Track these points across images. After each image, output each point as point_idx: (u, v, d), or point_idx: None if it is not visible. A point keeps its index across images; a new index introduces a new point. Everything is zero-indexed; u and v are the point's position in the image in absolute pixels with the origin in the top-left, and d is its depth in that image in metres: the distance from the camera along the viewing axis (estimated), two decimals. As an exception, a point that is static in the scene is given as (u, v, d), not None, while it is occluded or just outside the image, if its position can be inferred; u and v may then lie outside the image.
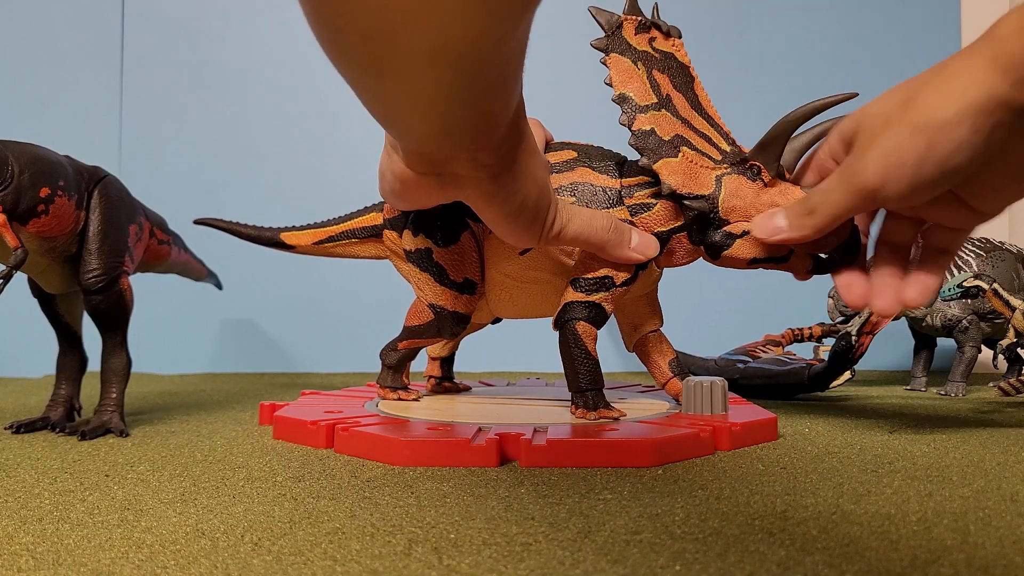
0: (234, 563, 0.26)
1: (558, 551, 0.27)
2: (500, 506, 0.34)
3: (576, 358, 0.53)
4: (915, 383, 0.99)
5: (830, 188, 0.44)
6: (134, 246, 0.61)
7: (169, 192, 1.17)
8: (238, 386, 1.03)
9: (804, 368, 0.82)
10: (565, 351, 0.53)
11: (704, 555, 0.27)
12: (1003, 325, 0.95)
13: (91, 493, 0.37)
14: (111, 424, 0.56)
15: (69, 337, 0.63)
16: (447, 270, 0.56)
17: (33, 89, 1.20)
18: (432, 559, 0.27)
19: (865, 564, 0.26)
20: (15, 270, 0.52)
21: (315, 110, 1.24)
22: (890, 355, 1.28)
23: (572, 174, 0.55)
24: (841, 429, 0.59)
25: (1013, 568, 0.25)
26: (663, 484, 0.38)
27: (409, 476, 0.41)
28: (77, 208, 0.56)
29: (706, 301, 1.24)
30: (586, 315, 0.52)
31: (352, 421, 0.51)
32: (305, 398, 0.67)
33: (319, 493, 0.37)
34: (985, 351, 1.03)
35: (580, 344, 0.52)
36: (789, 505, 0.34)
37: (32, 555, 0.28)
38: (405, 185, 0.41)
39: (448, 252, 0.56)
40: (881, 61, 1.31)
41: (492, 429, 0.48)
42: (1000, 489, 0.37)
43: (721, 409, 0.54)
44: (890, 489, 0.37)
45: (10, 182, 0.51)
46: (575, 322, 0.53)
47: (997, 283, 0.82)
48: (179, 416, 0.68)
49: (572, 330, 0.53)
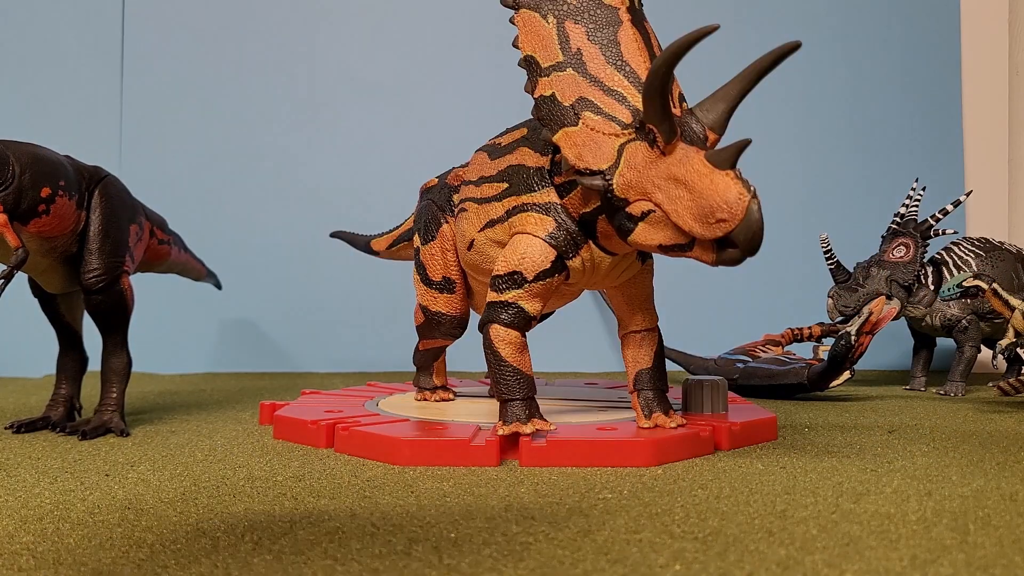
0: (234, 562, 0.26)
1: (558, 551, 0.27)
2: (500, 506, 0.34)
3: (490, 364, 0.47)
4: (914, 383, 0.99)
5: None
6: (134, 246, 0.61)
7: (169, 192, 1.17)
8: (238, 386, 1.03)
9: (804, 368, 0.82)
10: (486, 357, 0.48)
11: (704, 555, 0.27)
12: (1002, 325, 0.95)
13: (91, 492, 0.37)
14: (111, 424, 0.56)
15: (69, 337, 0.63)
16: (427, 268, 0.56)
17: (33, 89, 1.20)
18: (432, 559, 0.27)
19: (865, 564, 0.26)
20: (16, 270, 0.52)
21: (315, 110, 1.24)
22: (890, 355, 1.28)
23: (511, 156, 0.50)
24: (841, 429, 0.59)
25: (1013, 568, 0.25)
26: (663, 484, 0.39)
27: (409, 476, 0.41)
28: (78, 208, 0.56)
29: (706, 300, 1.24)
30: (500, 316, 0.47)
31: (352, 421, 0.51)
32: (305, 398, 0.67)
33: (319, 493, 0.37)
34: (984, 351, 1.03)
35: (493, 349, 0.47)
36: (789, 505, 0.34)
37: (32, 554, 0.28)
38: None
39: (427, 249, 0.56)
40: (881, 61, 1.31)
41: (492, 429, 0.48)
42: (1000, 489, 0.37)
43: (721, 409, 0.54)
44: (890, 489, 0.37)
45: (11, 182, 0.51)
46: (490, 325, 0.47)
47: (996, 283, 0.82)
48: (179, 416, 0.68)
49: (486, 334, 0.47)
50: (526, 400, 0.47)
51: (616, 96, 0.43)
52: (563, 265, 0.46)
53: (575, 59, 0.44)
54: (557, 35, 0.44)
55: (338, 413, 0.55)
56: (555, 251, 0.46)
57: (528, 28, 0.45)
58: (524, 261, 0.46)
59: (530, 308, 0.47)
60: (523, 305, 0.46)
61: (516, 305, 0.46)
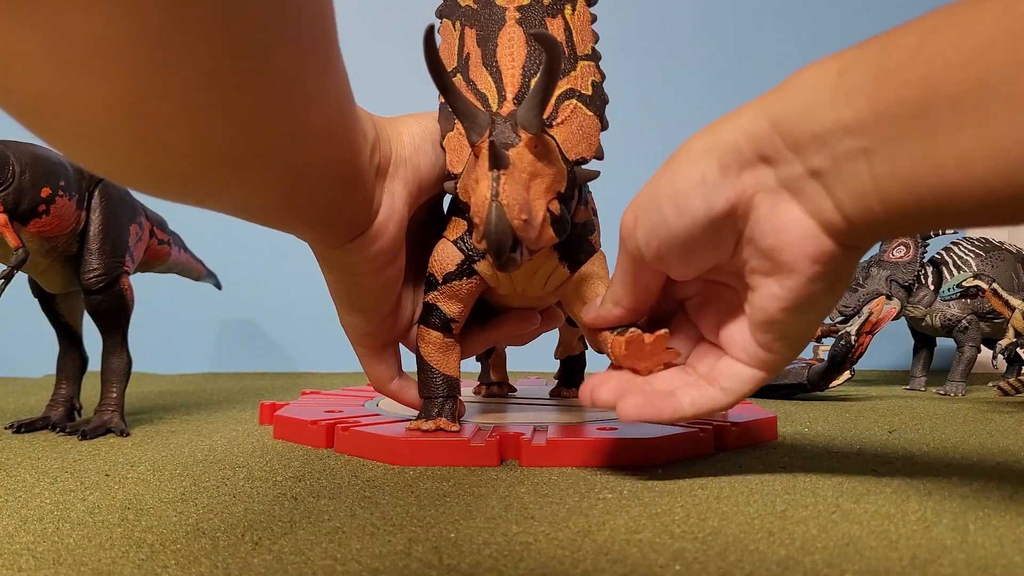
0: (235, 562, 0.26)
1: (558, 551, 0.27)
2: (500, 506, 0.34)
3: (416, 362, 0.48)
4: (914, 383, 0.99)
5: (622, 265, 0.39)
6: (134, 246, 0.61)
7: (169, 192, 1.17)
8: (238, 386, 1.03)
9: (804, 368, 0.82)
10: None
11: (704, 555, 0.27)
12: (1002, 325, 0.95)
13: (91, 492, 0.37)
14: (111, 424, 0.56)
15: (69, 337, 0.63)
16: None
17: (33, 89, 1.20)
18: (432, 559, 0.27)
19: (865, 564, 0.26)
20: (16, 270, 0.52)
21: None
22: (890, 355, 1.28)
23: None
24: (841, 429, 0.59)
25: (1013, 568, 0.25)
26: (663, 484, 0.39)
27: (409, 476, 0.41)
28: (78, 208, 0.56)
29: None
30: (424, 317, 0.47)
31: (352, 421, 0.51)
32: (305, 398, 0.67)
33: (319, 492, 0.37)
34: (985, 351, 1.03)
35: (417, 348, 0.47)
36: (789, 505, 0.34)
37: (33, 554, 0.28)
38: None
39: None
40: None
41: (492, 429, 0.48)
42: (1000, 489, 0.37)
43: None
44: (890, 488, 0.37)
45: (11, 182, 0.51)
46: (418, 325, 0.47)
47: (996, 283, 0.83)
48: (179, 416, 0.68)
49: (416, 333, 0.48)
50: (444, 399, 0.47)
51: (482, 99, 0.42)
52: (471, 269, 0.45)
53: (464, 64, 0.44)
54: (458, 41, 0.45)
55: (338, 413, 0.55)
56: (462, 254, 0.45)
57: (444, 37, 0.46)
58: (434, 264, 0.46)
59: (447, 310, 0.46)
60: (441, 307, 0.46)
61: (435, 307, 0.46)
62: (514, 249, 0.36)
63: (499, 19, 0.43)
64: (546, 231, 0.38)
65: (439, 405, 0.47)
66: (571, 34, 0.44)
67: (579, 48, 0.44)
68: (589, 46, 0.44)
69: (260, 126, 0.26)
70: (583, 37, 0.44)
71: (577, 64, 0.43)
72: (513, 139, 0.37)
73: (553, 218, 0.38)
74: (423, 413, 0.47)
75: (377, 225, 0.41)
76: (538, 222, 0.37)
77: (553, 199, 0.39)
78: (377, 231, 0.41)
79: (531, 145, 0.37)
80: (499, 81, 0.42)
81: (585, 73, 0.43)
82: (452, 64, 0.44)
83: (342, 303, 0.46)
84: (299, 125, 0.29)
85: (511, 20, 0.43)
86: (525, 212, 0.36)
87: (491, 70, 0.42)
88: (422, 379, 0.47)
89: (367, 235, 0.41)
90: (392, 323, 0.47)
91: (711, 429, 0.49)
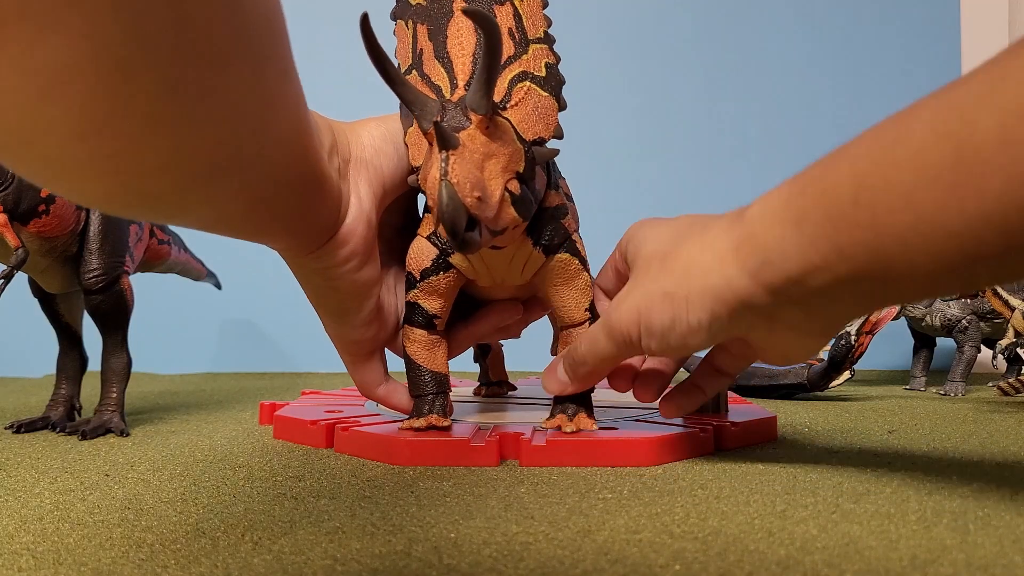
0: (235, 562, 0.26)
1: (558, 551, 0.27)
2: (500, 506, 0.34)
3: (404, 362, 0.48)
4: (915, 383, 0.99)
5: (595, 336, 0.42)
6: (134, 246, 0.61)
7: (169, 192, 1.17)
8: (238, 386, 1.03)
9: (804, 368, 0.82)
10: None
11: (704, 555, 0.27)
12: (1003, 325, 0.95)
13: (91, 492, 0.37)
14: (111, 424, 0.56)
15: (69, 337, 0.63)
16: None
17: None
18: (432, 559, 0.27)
19: (865, 564, 0.26)
20: (16, 270, 0.52)
21: (315, 109, 1.24)
22: (890, 355, 1.28)
23: None
24: (841, 429, 0.59)
25: (1013, 568, 0.25)
26: (663, 484, 0.39)
27: (409, 476, 0.41)
28: (77, 208, 0.56)
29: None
30: (408, 316, 0.47)
31: (352, 421, 0.51)
32: (305, 398, 0.67)
33: (319, 492, 0.37)
34: (985, 351, 1.03)
35: (403, 347, 0.48)
36: (789, 505, 0.34)
37: (33, 554, 0.28)
38: None
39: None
40: (881, 61, 1.31)
41: (492, 429, 0.48)
42: (1000, 489, 0.37)
43: (721, 409, 0.54)
44: (890, 489, 0.37)
45: (11, 182, 0.51)
46: (403, 325, 0.48)
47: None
48: (179, 416, 0.68)
49: (401, 333, 0.48)
50: (435, 396, 0.47)
51: (436, 91, 0.43)
52: (447, 263, 0.45)
53: (418, 60, 0.44)
54: (411, 39, 0.45)
55: (338, 413, 0.55)
56: (436, 249, 0.45)
57: (399, 38, 0.46)
58: (411, 262, 0.46)
59: (428, 307, 0.46)
60: (422, 304, 0.46)
61: (417, 305, 0.47)
62: (471, 228, 0.36)
63: (447, 11, 0.43)
64: (506, 210, 0.38)
65: (429, 402, 0.47)
66: (521, 20, 0.44)
67: (530, 32, 0.44)
68: (541, 30, 0.44)
69: (225, 136, 0.27)
70: (534, 22, 0.44)
71: (529, 47, 0.43)
72: (464, 122, 0.37)
73: (514, 198, 0.38)
74: (414, 411, 0.47)
75: (346, 227, 0.42)
76: (494, 200, 0.37)
77: (512, 179, 0.39)
78: (347, 233, 0.42)
79: (482, 126, 0.37)
80: (451, 71, 0.42)
81: (538, 55, 0.43)
82: (408, 62, 0.44)
83: (323, 311, 0.46)
84: (263, 132, 0.30)
85: (458, 11, 0.43)
86: (478, 190, 0.36)
87: (443, 61, 0.43)
88: (411, 378, 0.47)
89: (337, 238, 0.41)
90: (376, 329, 0.47)
91: (711, 429, 0.49)
